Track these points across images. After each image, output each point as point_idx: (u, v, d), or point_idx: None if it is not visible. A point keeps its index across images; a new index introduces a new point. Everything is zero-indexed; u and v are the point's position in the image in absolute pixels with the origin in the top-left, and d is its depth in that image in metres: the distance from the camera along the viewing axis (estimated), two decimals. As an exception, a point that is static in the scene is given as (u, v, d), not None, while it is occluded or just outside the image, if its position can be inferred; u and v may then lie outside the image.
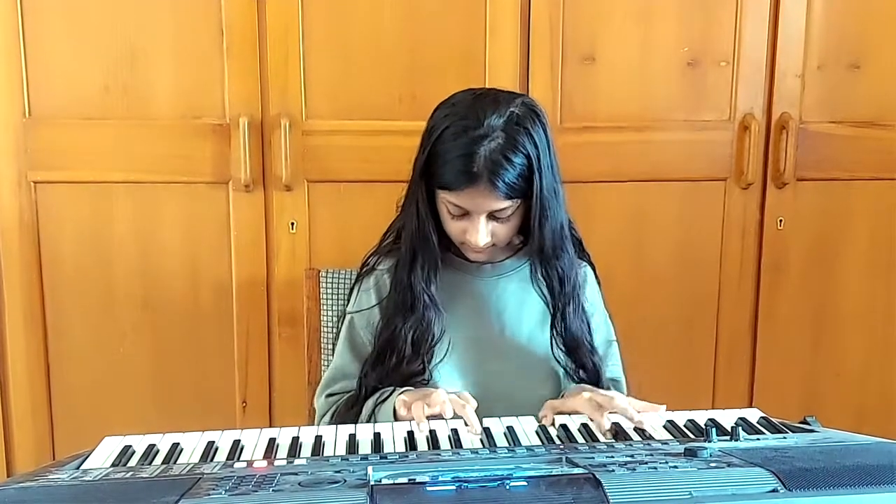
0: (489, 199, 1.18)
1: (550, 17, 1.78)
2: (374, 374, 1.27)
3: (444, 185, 1.19)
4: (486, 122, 1.16)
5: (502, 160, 1.15)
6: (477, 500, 0.73)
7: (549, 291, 1.29)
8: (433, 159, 1.20)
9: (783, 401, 1.96)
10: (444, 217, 1.24)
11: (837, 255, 1.96)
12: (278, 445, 1.02)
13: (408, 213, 1.27)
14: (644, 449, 0.90)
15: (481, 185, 1.16)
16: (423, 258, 1.26)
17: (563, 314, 1.28)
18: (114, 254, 1.78)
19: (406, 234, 1.27)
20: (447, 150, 1.17)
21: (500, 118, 1.17)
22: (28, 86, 1.70)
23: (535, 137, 1.18)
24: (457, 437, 1.04)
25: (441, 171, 1.18)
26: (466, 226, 1.22)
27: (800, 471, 0.76)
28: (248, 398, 1.85)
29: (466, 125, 1.17)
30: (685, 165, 1.87)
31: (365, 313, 1.32)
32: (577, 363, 1.29)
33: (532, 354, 1.31)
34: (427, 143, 1.21)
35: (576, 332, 1.29)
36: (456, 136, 1.17)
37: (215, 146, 1.74)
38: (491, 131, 1.15)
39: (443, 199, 1.22)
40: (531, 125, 1.18)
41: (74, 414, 1.82)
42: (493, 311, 1.32)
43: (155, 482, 0.83)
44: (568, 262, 1.27)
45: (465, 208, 1.20)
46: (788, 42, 1.85)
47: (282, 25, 1.72)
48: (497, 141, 1.15)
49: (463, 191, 1.17)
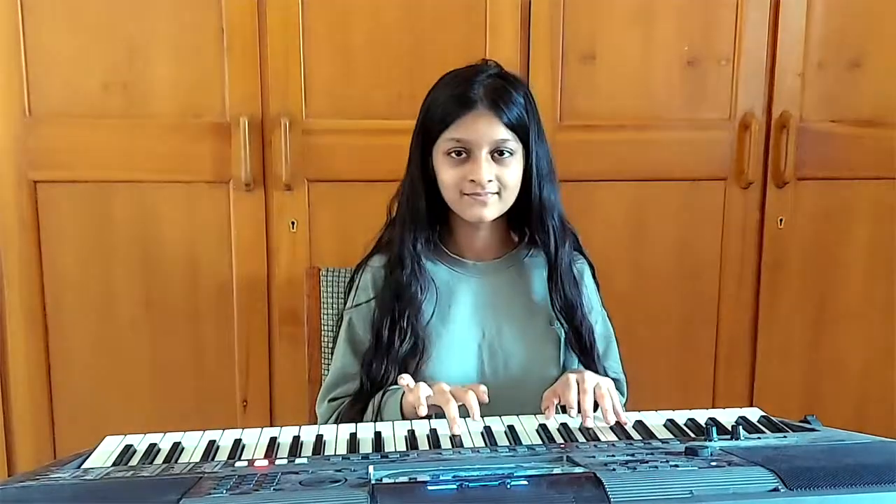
0: (490, 125, 1.20)
1: (551, 15, 1.78)
2: (375, 363, 1.26)
3: (442, 121, 1.21)
4: (481, 70, 1.24)
5: (501, 87, 1.22)
6: (478, 500, 0.73)
7: (547, 250, 1.29)
8: (429, 112, 1.24)
9: (783, 400, 1.96)
10: (444, 171, 1.23)
11: (838, 255, 1.96)
12: (279, 445, 1.02)
13: (403, 186, 1.30)
14: (645, 448, 0.91)
15: (481, 109, 1.20)
16: (414, 226, 1.27)
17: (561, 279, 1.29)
18: (114, 253, 1.78)
19: (401, 203, 1.29)
20: (442, 93, 1.24)
21: (494, 69, 1.26)
22: (28, 85, 1.70)
23: (528, 91, 1.26)
24: (457, 437, 1.04)
25: (438, 113, 1.22)
26: (468, 169, 1.21)
27: (800, 470, 0.76)
28: (248, 397, 1.85)
29: (461, 72, 1.25)
30: (685, 164, 1.87)
31: (363, 310, 1.32)
32: (574, 329, 1.29)
33: (532, 342, 1.31)
34: (424, 104, 1.26)
35: (569, 294, 1.29)
36: (451, 80, 1.24)
37: (215, 145, 1.75)
38: (486, 70, 1.24)
39: (443, 150, 1.22)
40: (525, 88, 1.27)
41: (75, 413, 1.82)
42: (491, 306, 1.32)
43: (156, 481, 0.83)
44: (563, 230, 1.30)
45: (467, 140, 1.20)
46: (789, 41, 1.85)
47: (282, 24, 1.72)
48: (493, 77, 1.24)
49: (462, 119, 1.20)
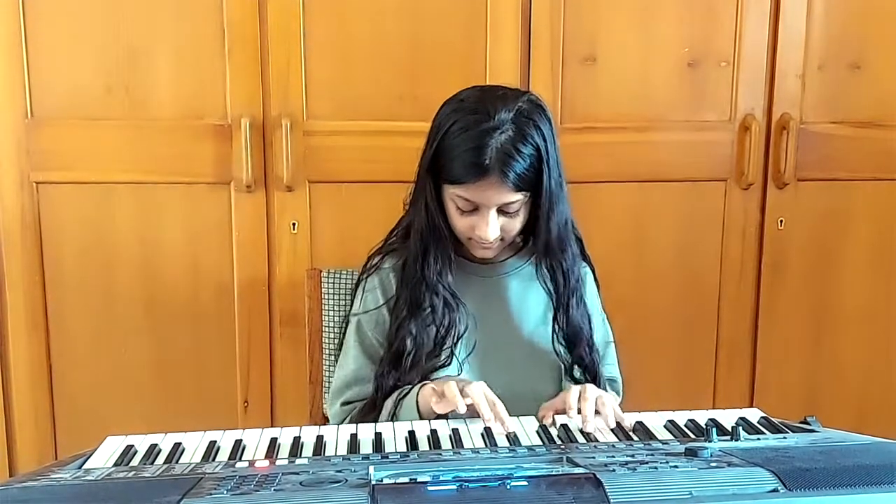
0: (500, 192, 1.18)
1: (551, 17, 1.78)
2: (392, 374, 1.26)
3: (453, 179, 1.19)
4: (495, 116, 1.16)
5: (513, 151, 1.16)
6: (478, 500, 0.73)
7: (552, 286, 1.29)
8: (441, 154, 1.20)
9: (784, 401, 1.96)
10: (452, 213, 1.24)
11: (838, 256, 1.96)
12: (280, 445, 1.02)
13: (416, 210, 1.27)
14: (645, 449, 0.91)
15: (492, 178, 1.16)
16: (435, 251, 1.26)
17: (567, 308, 1.29)
18: (116, 254, 1.78)
19: (415, 230, 1.27)
20: (456, 145, 1.18)
21: (510, 112, 1.17)
22: (30, 87, 1.70)
23: (543, 130, 1.19)
24: (457, 437, 1.04)
25: (451, 166, 1.19)
26: (475, 221, 1.22)
27: (800, 471, 0.76)
28: (249, 398, 1.85)
29: (476, 119, 1.17)
30: (686, 166, 1.88)
31: (373, 314, 1.31)
32: (576, 357, 1.30)
33: (534, 351, 1.31)
34: (434, 139, 1.21)
35: (576, 326, 1.29)
36: (465, 130, 1.17)
37: (217, 147, 1.75)
38: (501, 124, 1.16)
39: (451, 195, 1.22)
40: (538, 118, 1.19)
41: (76, 413, 1.82)
42: (495, 310, 1.32)
43: (157, 482, 0.83)
44: (571, 258, 1.29)
45: (475, 202, 1.20)
46: (789, 42, 1.85)
47: (283, 26, 1.72)
48: (507, 133, 1.16)
49: (473, 184, 1.17)
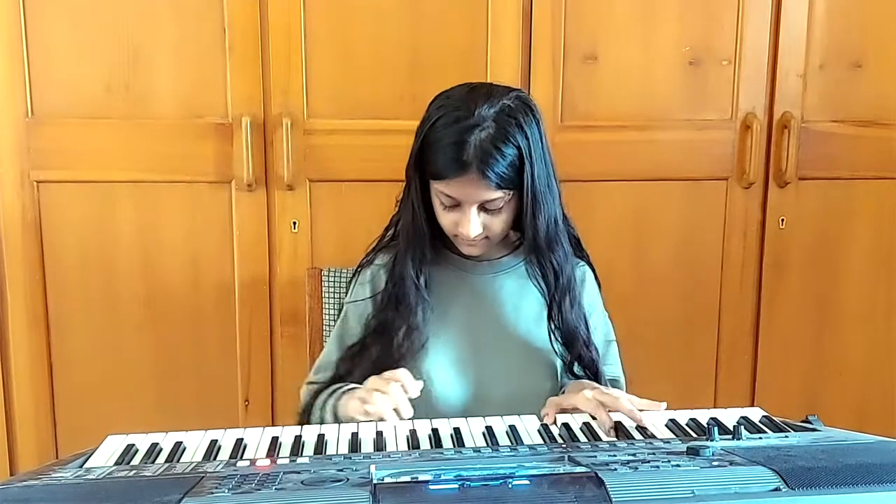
0: (479, 189, 1.18)
1: (552, 15, 1.78)
2: (351, 361, 1.29)
3: (435, 174, 1.20)
4: (477, 112, 1.16)
5: (492, 149, 1.15)
6: (479, 499, 0.72)
7: (544, 284, 1.29)
8: (425, 149, 1.21)
9: (785, 400, 1.96)
10: (437, 209, 1.25)
11: (839, 255, 1.96)
12: (281, 444, 1.02)
13: (404, 206, 1.28)
14: (646, 448, 0.90)
15: (471, 174, 1.16)
16: (414, 250, 1.27)
17: (560, 307, 1.28)
18: (116, 253, 1.78)
19: (402, 226, 1.29)
20: (438, 139, 1.18)
21: (492, 109, 1.17)
22: (30, 85, 1.70)
23: (527, 129, 1.18)
24: (459, 436, 1.04)
25: (433, 160, 1.19)
26: (458, 217, 1.22)
27: (802, 469, 0.76)
28: (250, 397, 1.85)
29: (458, 115, 1.17)
30: (687, 165, 1.87)
31: (360, 305, 1.33)
32: (574, 356, 1.30)
33: (530, 349, 1.31)
34: (420, 133, 1.22)
35: (571, 324, 1.29)
36: (447, 126, 1.18)
37: (217, 145, 1.75)
38: (482, 121, 1.16)
39: (435, 191, 1.23)
40: (523, 118, 1.19)
41: (77, 412, 1.82)
42: (490, 308, 1.32)
43: (158, 481, 0.83)
44: (563, 256, 1.28)
45: (456, 198, 1.20)
46: (790, 41, 1.85)
47: (284, 25, 1.72)
48: (488, 131, 1.16)
49: (453, 180, 1.18)
